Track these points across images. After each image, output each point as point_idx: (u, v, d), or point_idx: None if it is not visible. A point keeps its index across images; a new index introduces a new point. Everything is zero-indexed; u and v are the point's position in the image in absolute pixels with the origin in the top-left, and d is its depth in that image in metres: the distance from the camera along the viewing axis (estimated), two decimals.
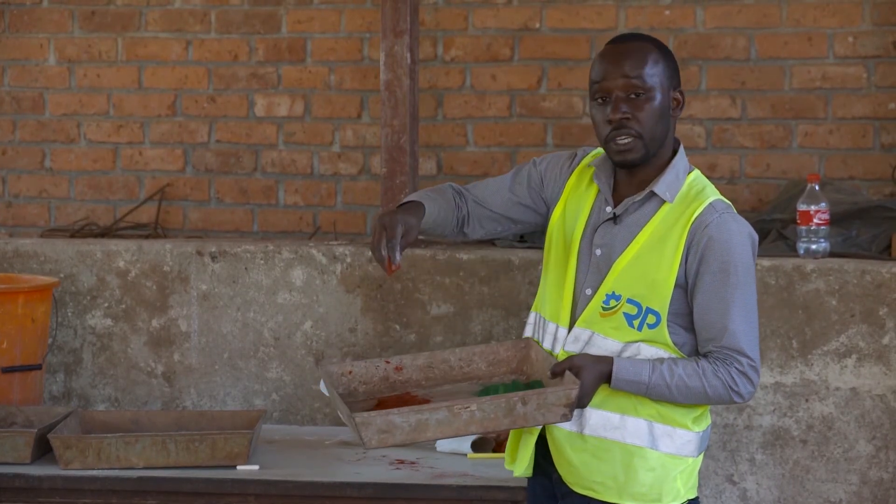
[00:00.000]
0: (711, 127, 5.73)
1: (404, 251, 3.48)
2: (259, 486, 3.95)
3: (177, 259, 5.35)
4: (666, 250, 3.33)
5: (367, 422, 3.35)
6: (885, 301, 4.86)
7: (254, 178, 6.07)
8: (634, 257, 3.36)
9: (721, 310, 3.30)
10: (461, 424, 3.35)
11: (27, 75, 6.21)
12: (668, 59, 3.39)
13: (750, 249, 3.34)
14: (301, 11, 6.00)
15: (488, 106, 5.87)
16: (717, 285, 3.30)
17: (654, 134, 3.37)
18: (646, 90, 3.35)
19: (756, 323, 3.33)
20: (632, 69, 3.35)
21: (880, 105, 5.60)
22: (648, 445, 3.37)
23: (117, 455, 4.03)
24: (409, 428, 3.36)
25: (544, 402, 3.33)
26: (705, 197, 3.37)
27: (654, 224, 3.36)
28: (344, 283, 5.23)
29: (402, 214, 3.44)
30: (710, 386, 3.30)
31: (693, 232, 3.32)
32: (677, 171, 3.41)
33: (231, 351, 5.31)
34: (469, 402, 3.33)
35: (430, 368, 3.74)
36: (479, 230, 3.65)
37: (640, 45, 3.39)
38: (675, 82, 3.40)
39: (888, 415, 4.87)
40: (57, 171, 6.21)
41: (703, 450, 3.44)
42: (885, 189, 5.58)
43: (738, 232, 3.32)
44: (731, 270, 3.29)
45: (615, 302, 3.36)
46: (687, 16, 5.72)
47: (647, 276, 3.33)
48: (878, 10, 5.58)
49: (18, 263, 5.45)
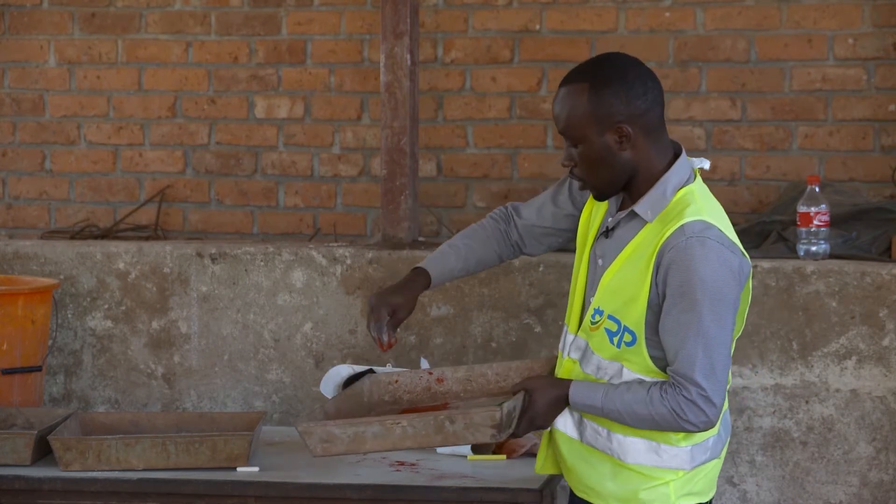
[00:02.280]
0: (711, 128, 5.73)
1: (399, 326, 3.66)
2: (259, 487, 3.95)
3: (177, 261, 5.35)
4: (640, 270, 3.30)
5: (308, 431, 3.58)
6: (886, 303, 4.86)
7: (254, 179, 6.07)
8: (616, 274, 3.35)
9: (678, 335, 3.25)
10: (396, 439, 3.53)
11: (27, 77, 6.21)
12: (602, 96, 3.29)
13: (722, 274, 3.24)
14: (301, 13, 6.01)
15: (488, 108, 5.87)
16: (676, 310, 3.24)
17: (600, 178, 3.35)
18: (575, 141, 3.33)
19: (719, 350, 3.25)
20: (561, 122, 3.34)
21: (880, 107, 5.60)
22: (632, 461, 3.38)
23: (117, 457, 4.03)
24: (347, 439, 3.55)
25: (471, 422, 3.48)
26: (681, 218, 3.27)
27: (635, 242, 3.34)
28: (344, 284, 5.23)
29: (390, 295, 3.62)
30: (657, 414, 3.26)
31: (660, 254, 3.26)
32: (665, 188, 3.34)
33: (231, 352, 5.30)
34: (400, 419, 3.50)
35: (469, 381, 3.93)
36: (538, 247, 3.74)
37: (569, 90, 3.33)
38: (614, 118, 3.29)
39: (888, 416, 4.87)
40: (57, 173, 6.21)
41: (700, 462, 3.40)
42: (885, 191, 5.58)
43: (702, 257, 3.22)
44: (689, 296, 3.22)
45: (599, 317, 3.37)
46: (687, 17, 5.72)
47: (625, 294, 3.32)
48: (878, 12, 5.58)
49: (18, 265, 5.45)
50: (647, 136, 3.34)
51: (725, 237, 3.28)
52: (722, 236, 3.27)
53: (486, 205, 5.87)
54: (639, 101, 3.31)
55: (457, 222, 5.86)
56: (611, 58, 3.38)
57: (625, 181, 3.36)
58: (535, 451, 4.23)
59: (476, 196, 5.90)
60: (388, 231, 5.34)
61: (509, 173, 5.86)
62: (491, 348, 5.09)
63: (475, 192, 5.90)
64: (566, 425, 3.46)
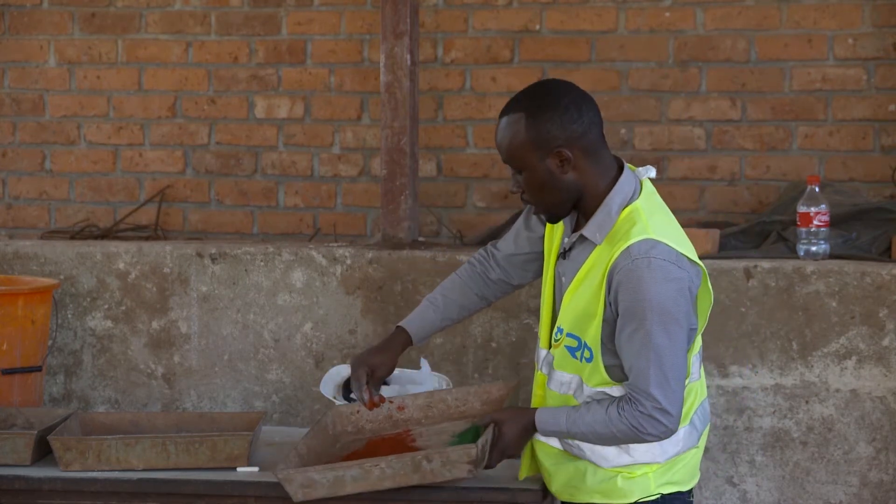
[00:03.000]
0: (711, 129, 5.73)
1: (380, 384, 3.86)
2: (259, 487, 3.95)
3: (177, 261, 5.36)
4: (594, 291, 3.42)
5: (289, 478, 3.69)
6: (885, 303, 4.86)
7: (254, 179, 6.07)
8: (574, 295, 3.46)
9: (631, 352, 3.37)
10: (374, 480, 3.66)
11: (27, 77, 6.21)
12: (539, 123, 3.40)
13: (669, 292, 3.33)
14: (301, 13, 6.01)
15: (488, 108, 5.87)
16: (628, 329, 3.36)
17: (546, 202, 3.46)
18: (520, 167, 3.46)
19: (672, 362, 3.35)
20: (503, 151, 3.47)
21: (880, 107, 5.60)
22: (607, 465, 3.51)
23: (117, 457, 4.03)
24: (328, 483, 3.67)
25: (447, 459, 3.60)
26: (627, 239, 3.37)
27: (588, 265, 3.45)
28: (344, 284, 5.23)
29: (367, 356, 3.79)
30: (618, 430, 3.39)
31: (610, 275, 3.37)
32: (609, 209, 3.43)
33: (231, 353, 5.30)
34: (378, 461, 3.62)
35: (430, 407, 4.07)
36: (524, 275, 3.85)
37: (507, 121, 3.45)
38: (553, 143, 3.40)
39: (888, 416, 4.87)
40: (57, 173, 6.21)
41: (673, 453, 3.50)
42: (884, 191, 5.58)
43: (649, 279, 3.32)
44: (639, 315, 3.33)
45: (559, 335, 3.50)
46: (687, 17, 5.72)
47: (583, 313, 3.44)
48: (878, 12, 5.58)
49: (18, 265, 5.45)
50: (588, 157, 3.44)
51: (672, 251, 3.37)
52: (668, 251, 3.36)
53: (486, 205, 5.88)
54: (575, 125, 3.41)
55: (457, 222, 5.86)
56: (545, 85, 3.49)
57: (572, 202, 3.47)
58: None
59: (476, 196, 5.90)
60: (388, 231, 5.34)
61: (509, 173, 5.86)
62: (491, 348, 5.09)
63: (475, 192, 5.90)
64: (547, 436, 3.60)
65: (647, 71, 5.68)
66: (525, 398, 4.00)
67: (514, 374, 5.08)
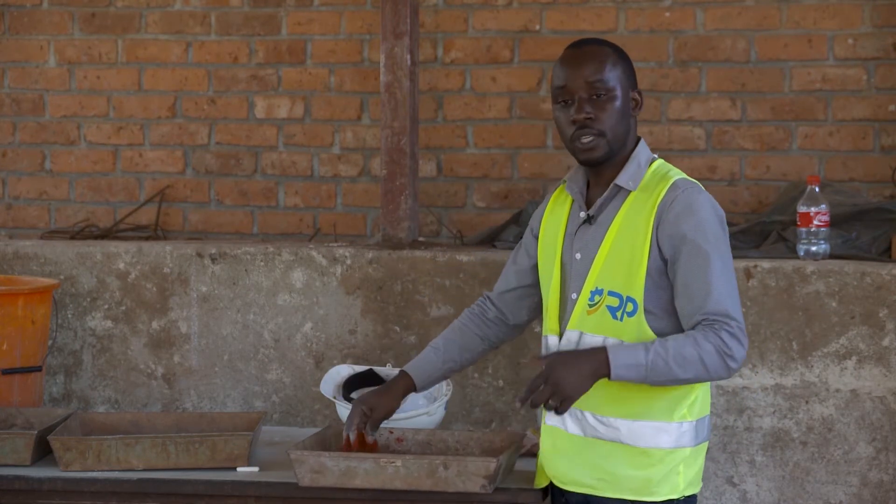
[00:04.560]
0: (711, 129, 5.73)
1: (378, 425, 3.82)
2: (259, 487, 3.95)
3: (177, 261, 5.35)
4: (637, 237, 3.41)
5: (300, 459, 3.69)
6: (886, 303, 4.86)
7: (254, 179, 6.07)
8: (609, 250, 3.44)
9: (701, 279, 3.35)
10: (386, 477, 3.66)
11: (27, 77, 6.21)
12: (626, 62, 3.52)
13: (720, 219, 3.42)
14: (301, 13, 6.01)
15: (488, 108, 5.87)
16: (694, 256, 3.36)
17: (617, 132, 3.48)
18: (607, 91, 3.48)
19: (735, 287, 3.39)
20: (593, 72, 3.48)
21: (880, 107, 5.60)
22: (645, 444, 3.42)
23: (117, 457, 4.03)
24: (338, 472, 3.67)
25: (464, 469, 3.61)
26: (668, 179, 3.45)
27: (622, 214, 3.46)
28: (344, 284, 5.23)
29: (369, 396, 3.81)
30: (705, 352, 3.31)
31: (660, 213, 3.40)
32: (638, 161, 3.51)
33: (231, 353, 5.30)
34: (395, 458, 3.61)
35: (429, 445, 4.04)
36: (519, 312, 3.83)
37: (598, 48, 3.52)
38: (633, 83, 3.53)
39: (888, 416, 4.87)
40: (57, 173, 6.21)
41: (701, 439, 3.47)
42: (885, 191, 5.58)
43: (705, 202, 3.41)
44: (704, 239, 3.37)
45: (598, 297, 3.44)
46: (687, 17, 5.72)
47: (622, 266, 3.42)
48: (878, 12, 5.58)
49: (18, 265, 5.45)
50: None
51: (705, 191, 3.48)
52: (703, 190, 3.47)
53: (486, 205, 5.88)
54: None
55: (457, 222, 5.86)
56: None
57: (620, 146, 3.50)
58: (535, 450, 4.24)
59: (476, 196, 5.90)
60: (388, 231, 5.34)
61: (509, 173, 5.86)
62: None
63: (475, 192, 5.90)
64: (565, 423, 3.49)
65: (646, 71, 5.68)
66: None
67: (514, 374, 5.08)
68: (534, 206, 5.46)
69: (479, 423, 5.14)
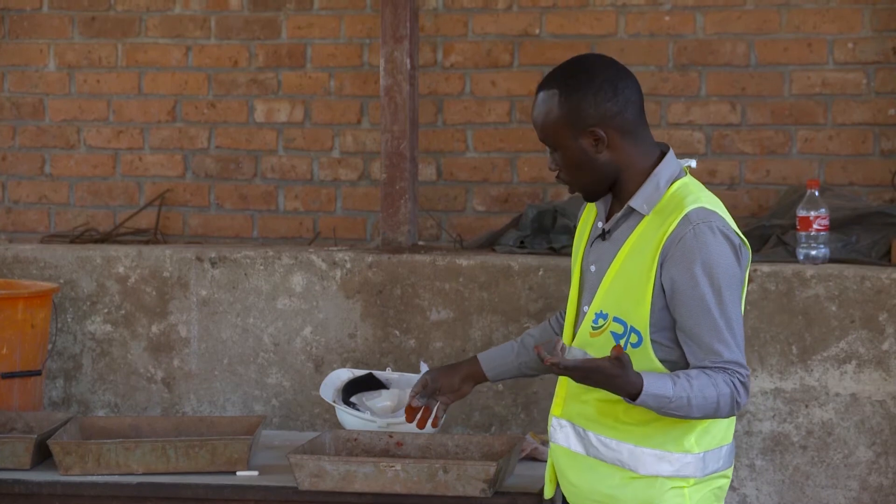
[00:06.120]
0: (711, 133, 5.73)
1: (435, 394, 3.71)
2: (258, 492, 3.95)
3: (176, 265, 5.36)
4: (643, 265, 3.27)
5: (300, 463, 3.71)
6: (885, 307, 4.86)
7: (254, 183, 6.07)
8: (617, 274, 3.31)
9: (710, 324, 3.23)
10: (386, 481, 3.68)
11: (27, 81, 6.21)
12: (571, 102, 3.30)
13: (731, 258, 3.25)
14: (301, 17, 6.01)
15: (488, 112, 5.87)
16: (702, 299, 3.22)
17: (582, 181, 3.34)
18: (554, 146, 3.34)
19: (742, 330, 3.28)
20: (539, 129, 3.35)
21: (880, 111, 5.60)
22: (644, 471, 3.30)
23: (117, 461, 4.03)
24: (338, 476, 3.68)
25: (464, 473, 3.63)
26: (682, 208, 3.25)
27: (633, 238, 3.31)
28: (344, 288, 5.23)
29: (436, 368, 3.72)
30: (722, 396, 3.22)
31: (668, 247, 3.23)
32: (657, 181, 3.33)
33: (231, 357, 5.30)
34: (395, 462, 3.63)
35: (428, 449, 4.05)
36: None
37: (543, 96, 3.35)
38: (586, 122, 3.29)
39: (888, 421, 4.87)
40: (57, 177, 6.21)
41: (712, 470, 3.34)
42: (884, 195, 5.58)
43: (713, 243, 3.22)
44: (712, 282, 3.21)
45: (602, 321, 3.31)
46: (687, 22, 5.72)
47: (628, 293, 3.28)
48: (878, 17, 5.58)
49: (18, 269, 5.45)
50: (624, 136, 3.34)
51: (728, 225, 3.28)
52: (725, 223, 3.27)
53: (486, 209, 5.88)
54: (609, 104, 3.30)
55: (457, 226, 5.86)
56: (582, 61, 3.38)
57: (610, 182, 3.35)
58: (535, 455, 4.24)
59: (476, 200, 5.90)
60: (388, 235, 5.34)
61: (509, 177, 5.86)
62: None
63: (475, 196, 5.90)
64: (568, 440, 3.39)
65: (646, 75, 5.68)
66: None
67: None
68: (533, 210, 5.46)
69: (478, 426, 5.14)
